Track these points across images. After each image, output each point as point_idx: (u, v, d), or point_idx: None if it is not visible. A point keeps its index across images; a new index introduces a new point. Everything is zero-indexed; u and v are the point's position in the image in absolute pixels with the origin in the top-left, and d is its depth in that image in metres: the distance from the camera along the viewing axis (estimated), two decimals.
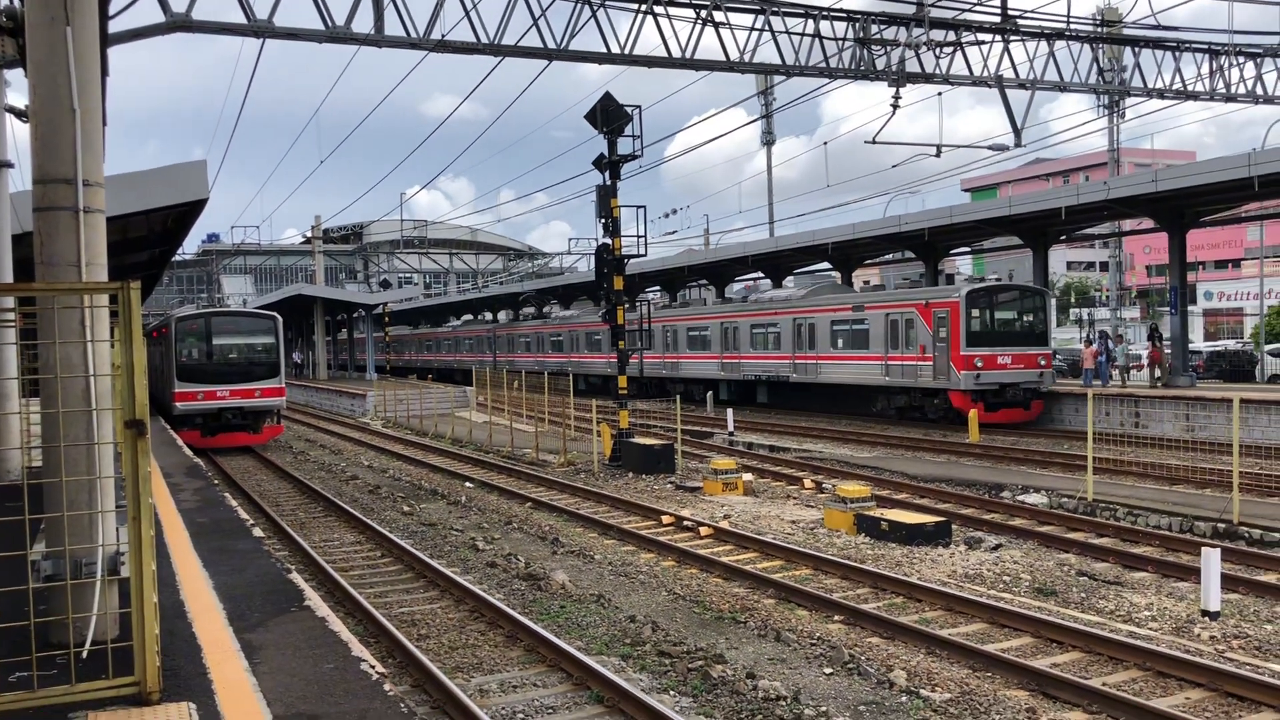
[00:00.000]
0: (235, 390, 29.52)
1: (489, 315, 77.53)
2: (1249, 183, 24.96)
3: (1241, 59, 23.54)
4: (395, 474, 25.30)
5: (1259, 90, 23.86)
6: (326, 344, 65.24)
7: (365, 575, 14.13)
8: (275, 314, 31.49)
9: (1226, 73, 23.50)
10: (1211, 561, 11.23)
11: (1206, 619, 11.09)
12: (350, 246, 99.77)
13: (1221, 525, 15.35)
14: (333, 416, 45.17)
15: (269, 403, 30.20)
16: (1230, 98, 23.72)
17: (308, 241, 76.94)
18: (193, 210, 19.91)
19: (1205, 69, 23.44)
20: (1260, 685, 8.79)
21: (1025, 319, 30.46)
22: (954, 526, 15.99)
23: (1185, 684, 9.16)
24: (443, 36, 18.09)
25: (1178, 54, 23.20)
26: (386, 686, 6.56)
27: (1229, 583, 12.20)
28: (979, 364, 28.71)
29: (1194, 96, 23.58)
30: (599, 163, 24.13)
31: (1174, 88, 23.34)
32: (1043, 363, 30.04)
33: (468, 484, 23.07)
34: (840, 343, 33.95)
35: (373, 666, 6.97)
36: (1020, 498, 18.77)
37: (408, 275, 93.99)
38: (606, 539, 16.48)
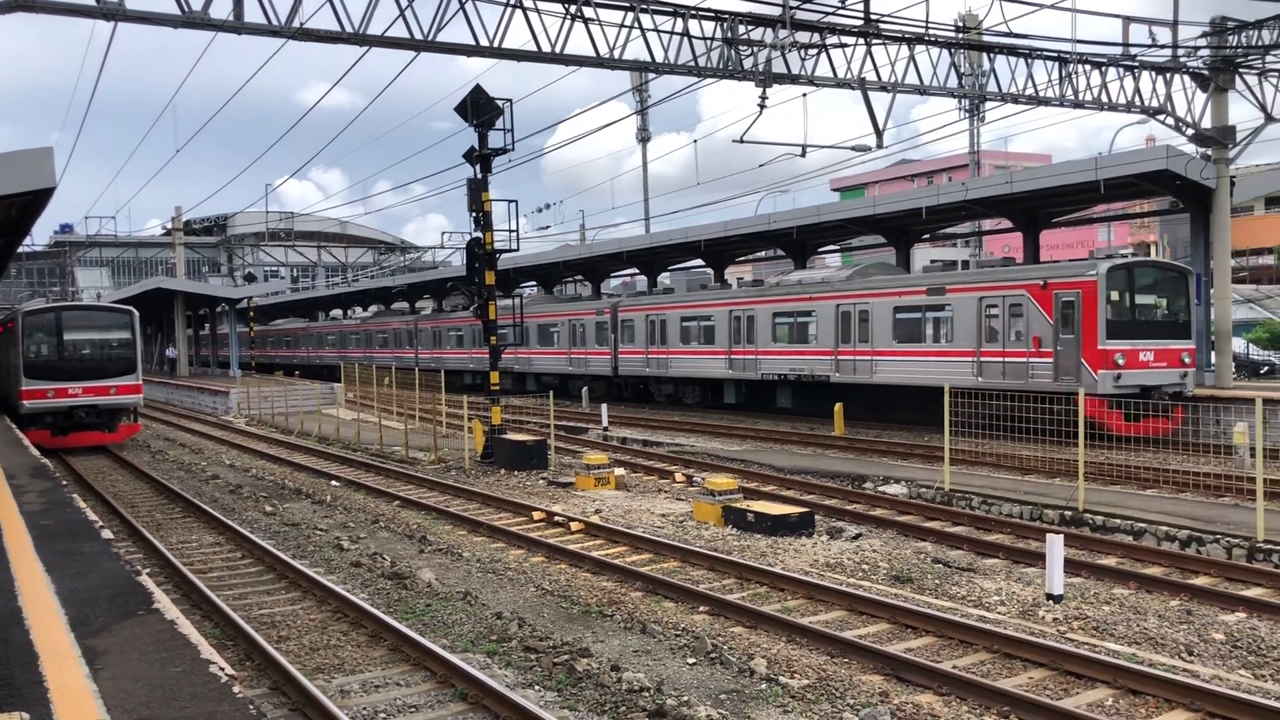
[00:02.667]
0: (88, 388, 28.31)
1: (358, 310, 75.99)
2: (1096, 185, 26.19)
3: (1088, 67, 24.65)
4: (258, 473, 24.62)
5: (1104, 97, 25.01)
6: (188, 340, 63.04)
7: (224, 577, 13.73)
8: (131, 308, 30.29)
9: (1074, 80, 24.58)
10: (1055, 548, 11.76)
11: (1051, 602, 11.61)
12: (214, 239, 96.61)
13: (1068, 513, 16.08)
14: (194, 414, 43.68)
15: (124, 400, 29.05)
16: (1078, 104, 24.81)
17: (169, 233, 74.28)
18: (38, 200, 18.98)
19: (1055, 75, 24.47)
20: (1096, 663, 9.25)
21: (1167, 304, 24.64)
22: (817, 517, 16.38)
23: (1029, 664, 9.57)
24: (301, 25, 17.65)
25: (1030, 61, 24.17)
26: (236, 689, 6.39)
27: (1072, 567, 12.81)
28: (1120, 361, 23.00)
29: (1045, 102, 24.58)
30: (470, 156, 23.90)
31: (1027, 93, 24.29)
32: (1186, 360, 24.17)
33: (334, 483, 22.61)
34: (907, 335, 27.50)
35: (223, 669, 6.79)
36: (881, 488, 19.32)
37: (274, 269, 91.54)
38: (476, 536, 16.36)
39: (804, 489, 19.88)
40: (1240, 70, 25.69)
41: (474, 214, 24.05)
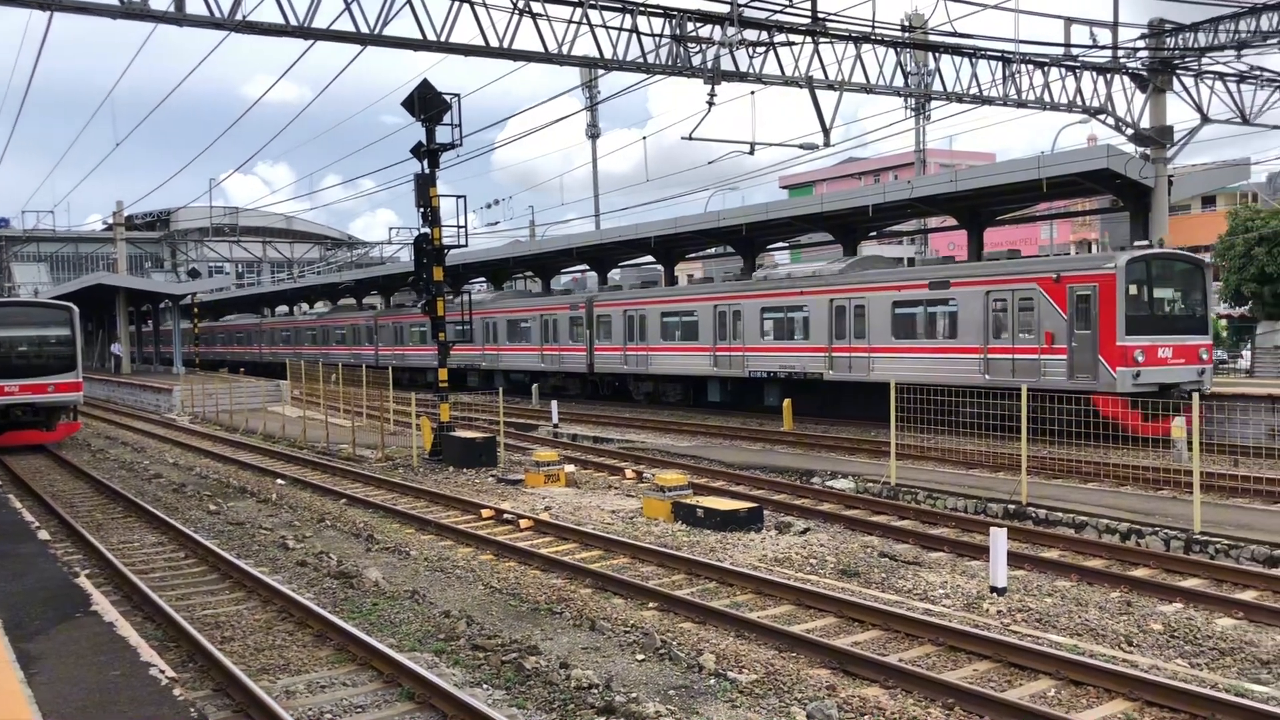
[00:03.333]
0: (25, 385, 27.70)
1: (307, 305, 75.05)
2: (1038, 184, 26.59)
3: (1030, 67, 24.99)
4: (202, 472, 24.25)
5: (1046, 97, 25.37)
6: (131, 336, 61.90)
7: (167, 578, 13.50)
8: (71, 305, 29.67)
9: (1018, 79, 24.91)
10: (998, 541, 11.92)
11: (994, 595, 11.77)
12: (157, 234, 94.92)
13: (1012, 506, 16.32)
14: (136, 412, 42.92)
15: (63, 398, 28.46)
16: (1021, 103, 25.14)
17: (110, 228, 72.84)
18: None
19: (999, 75, 24.77)
20: (1039, 655, 9.40)
21: (1184, 298, 23.80)
22: (766, 512, 16.46)
23: (974, 657, 9.69)
24: (244, 17, 17.38)
25: (974, 60, 24.44)
26: (177, 692, 6.29)
27: (1015, 560, 12.99)
28: (1139, 358, 21.99)
29: (989, 101, 24.88)
30: (417, 151, 23.72)
31: (971, 92, 24.57)
32: (1204, 356, 23.34)
33: (279, 481, 22.33)
34: (907, 330, 26.44)
35: (163, 671, 6.68)
36: (829, 483, 19.46)
37: (218, 265, 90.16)
38: (424, 534, 16.25)
39: (753, 484, 19.97)
40: (1177, 72, 26.19)
41: (422, 209, 23.88)
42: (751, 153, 24.39)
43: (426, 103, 23.27)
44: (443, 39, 19.15)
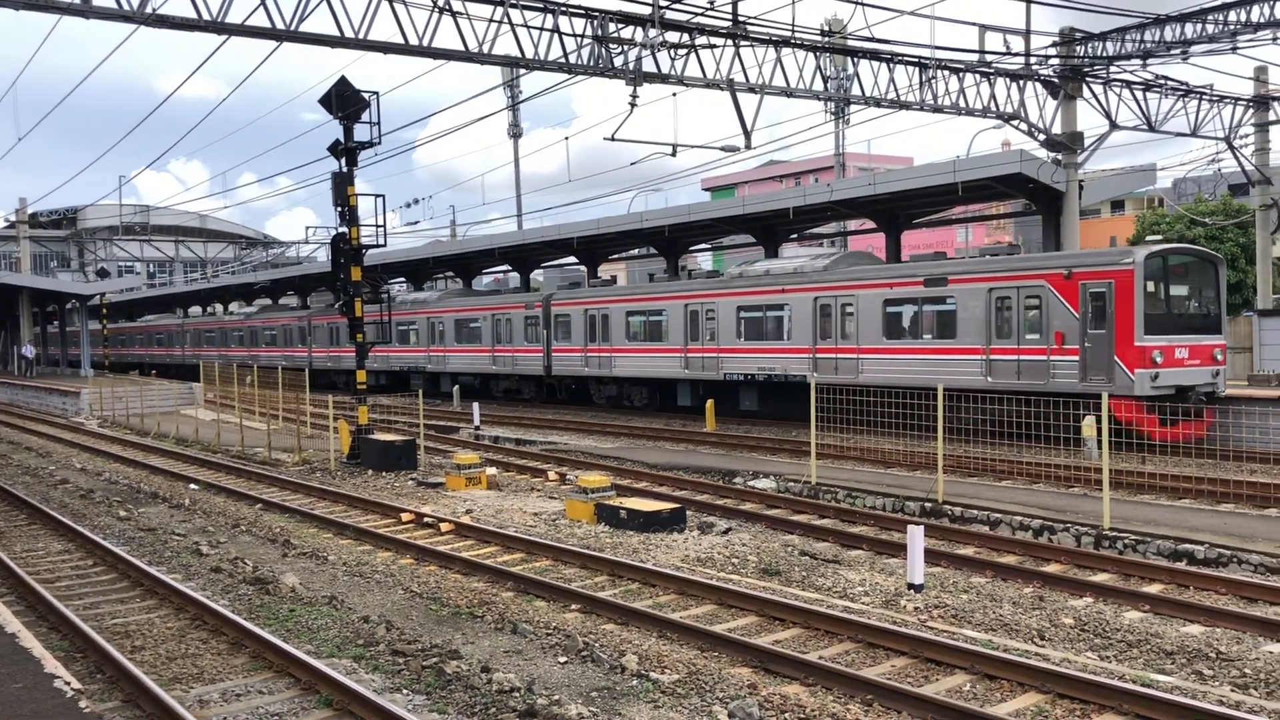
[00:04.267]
0: None
1: (238, 305, 73.35)
2: (954, 188, 27.12)
3: (946, 73, 25.46)
4: (111, 477, 23.57)
5: (961, 102, 25.88)
6: (36, 338, 59.95)
7: (73, 586, 13.09)
8: None
9: (934, 85, 25.36)
10: (916, 538, 12.12)
11: (912, 591, 11.96)
12: (63, 232, 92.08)
13: (929, 504, 16.60)
14: (41, 416, 41.59)
15: None
16: (937, 108, 25.60)
17: (12, 226, 70.45)
18: None
19: (916, 80, 25.20)
20: (955, 650, 9.56)
21: (1199, 295, 22.72)
22: (689, 512, 16.53)
23: (892, 653, 9.83)
24: (154, 11, 16.94)
25: (892, 66, 24.82)
26: (84, 704, 6.09)
27: (932, 557, 13.21)
28: (1158, 359, 20.87)
29: (906, 106, 25.29)
30: (335, 149, 23.37)
31: (889, 97, 24.95)
32: (1219, 357, 22.26)
33: (192, 486, 21.81)
34: (900, 330, 25.27)
35: (69, 683, 6.46)
36: (751, 483, 19.61)
37: (128, 264, 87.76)
38: (342, 539, 15.99)
39: (676, 485, 20.04)
40: (1087, 79, 26.90)
41: (339, 208, 23.53)
42: (674, 154, 24.49)
43: (344, 100, 22.93)
44: (361, 36, 18.88)
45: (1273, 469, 17.84)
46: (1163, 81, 27.57)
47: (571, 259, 48.66)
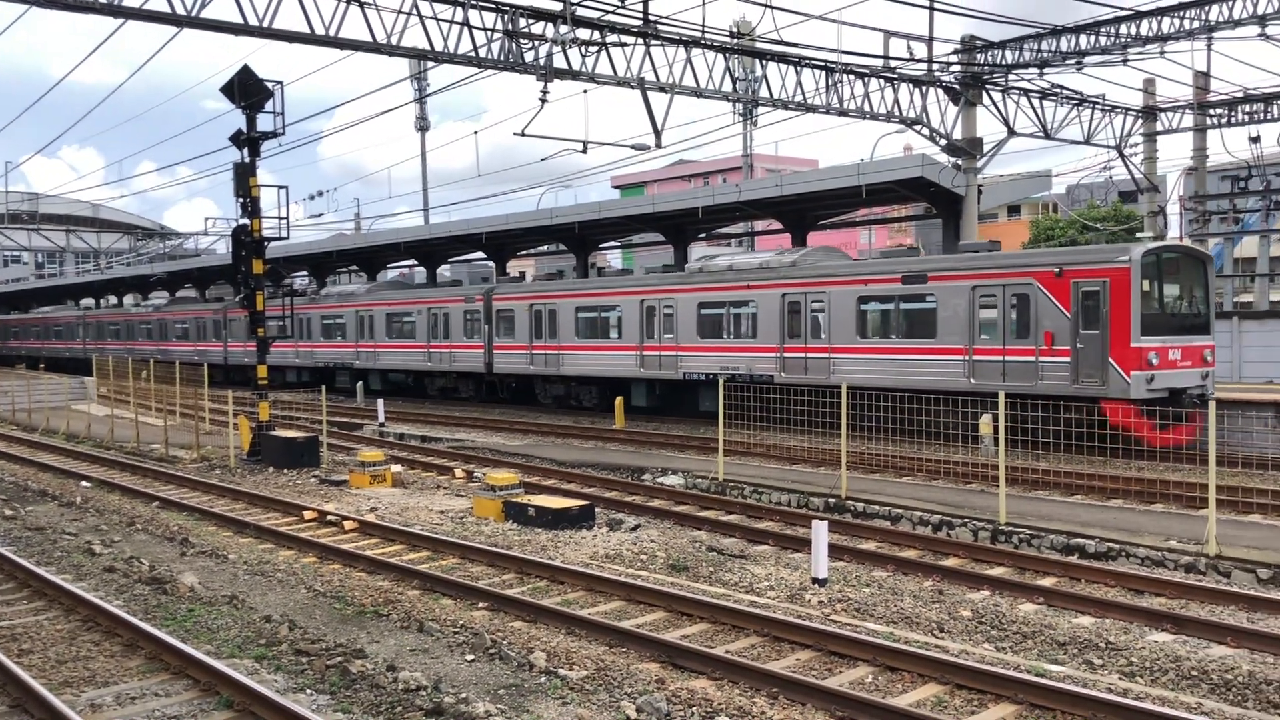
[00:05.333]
0: None
1: (113, 298, 71.12)
2: (859, 190, 27.61)
3: (852, 77, 25.90)
4: None
5: (866, 107, 26.33)
6: None
7: None
8: None
9: (840, 89, 25.77)
10: (820, 533, 12.32)
11: (816, 586, 12.16)
12: None
13: (832, 500, 16.89)
14: None
15: None
16: (843, 112, 26.00)
17: None
18: None
19: (823, 84, 25.58)
20: (858, 643, 9.76)
21: (1190, 295, 22.01)
22: (598, 509, 16.54)
23: (797, 646, 9.98)
24: None
25: (799, 69, 25.14)
26: None
27: (836, 552, 13.45)
28: (1154, 360, 20.10)
29: (813, 109, 25.64)
30: (237, 139, 22.83)
31: (796, 99, 25.27)
32: (1209, 358, 21.59)
33: (84, 483, 21.11)
34: (875, 329, 24.32)
35: None
36: (660, 480, 19.73)
37: (15, 254, 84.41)
38: (243, 537, 15.65)
39: (585, 482, 20.05)
40: (987, 87, 27.62)
41: (241, 200, 23.00)
42: (584, 151, 24.48)
43: (247, 89, 22.42)
44: (265, 24, 18.45)
45: (1159, 465, 18.53)
46: (1058, 90, 28.43)
47: (479, 255, 48.29)
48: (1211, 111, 31.64)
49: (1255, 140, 30.83)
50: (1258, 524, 14.59)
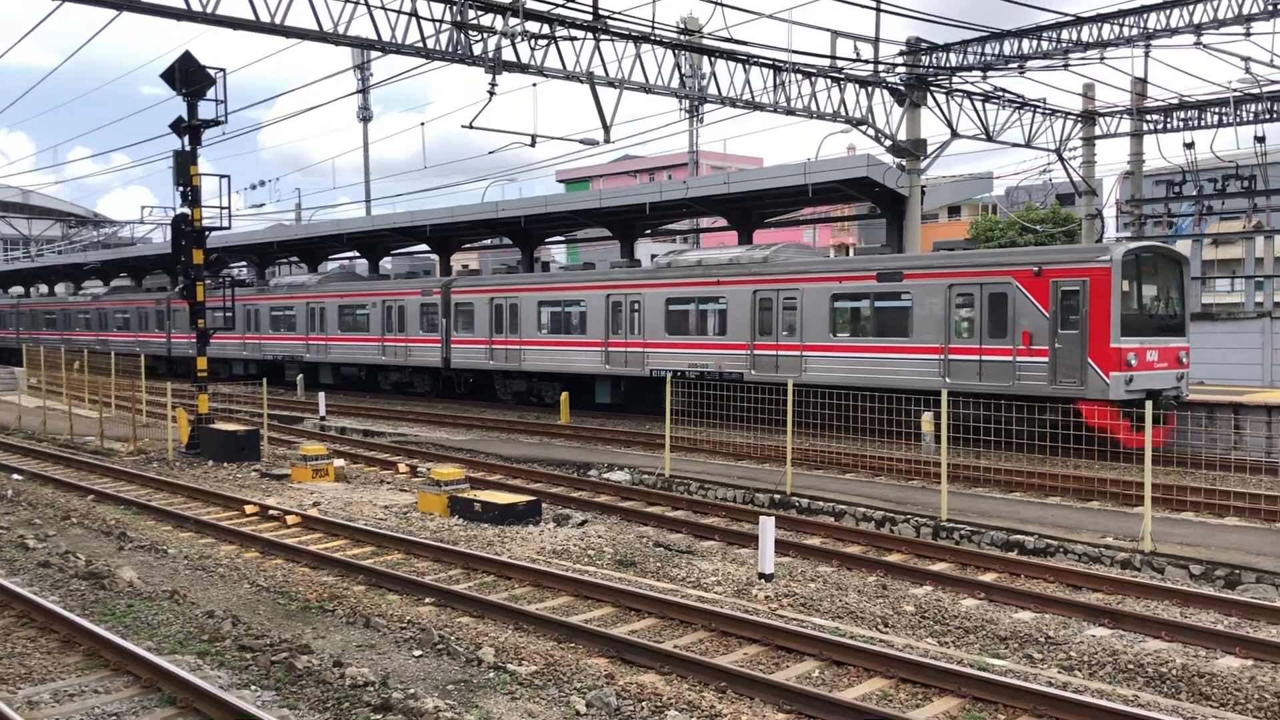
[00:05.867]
0: None
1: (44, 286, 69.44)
2: (805, 189, 27.82)
3: (799, 76, 26.09)
4: None
5: (813, 106, 26.55)
6: None
7: None
8: None
9: (787, 88, 25.95)
10: (767, 529, 12.42)
11: (763, 581, 12.25)
12: None
13: (777, 496, 17.03)
14: None
15: None
16: (790, 110, 26.19)
17: None
18: None
19: (771, 82, 25.74)
20: (804, 637, 9.85)
21: (1167, 296, 21.91)
22: (544, 505, 16.51)
23: (744, 641, 10.06)
24: None
25: (748, 67, 25.28)
26: None
27: (781, 547, 13.54)
28: (1132, 361, 20.05)
29: (760, 107, 25.79)
30: (177, 127, 22.42)
31: (744, 98, 25.41)
32: (1183, 359, 21.57)
33: (15, 476, 20.61)
34: (849, 327, 24.20)
35: None
36: (606, 475, 19.74)
37: None
38: (182, 531, 15.39)
39: (530, 477, 20.00)
40: (931, 89, 27.99)
41: (181, 188, 22.59)
42: (533, 144, 24.38)
43: (189, 76, 22.04)
44: (208, 9, 18.14)
45: (1094, 464, 18.91)
46: (1001, 93, 28.90)
47: (423, 247, 47.92)
48: (1148, 117, 32.32)
49: (1190, 146, 31.53)
50: (1190, 521, 14.98)
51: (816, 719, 8.10)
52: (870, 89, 27.47)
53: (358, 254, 50.46)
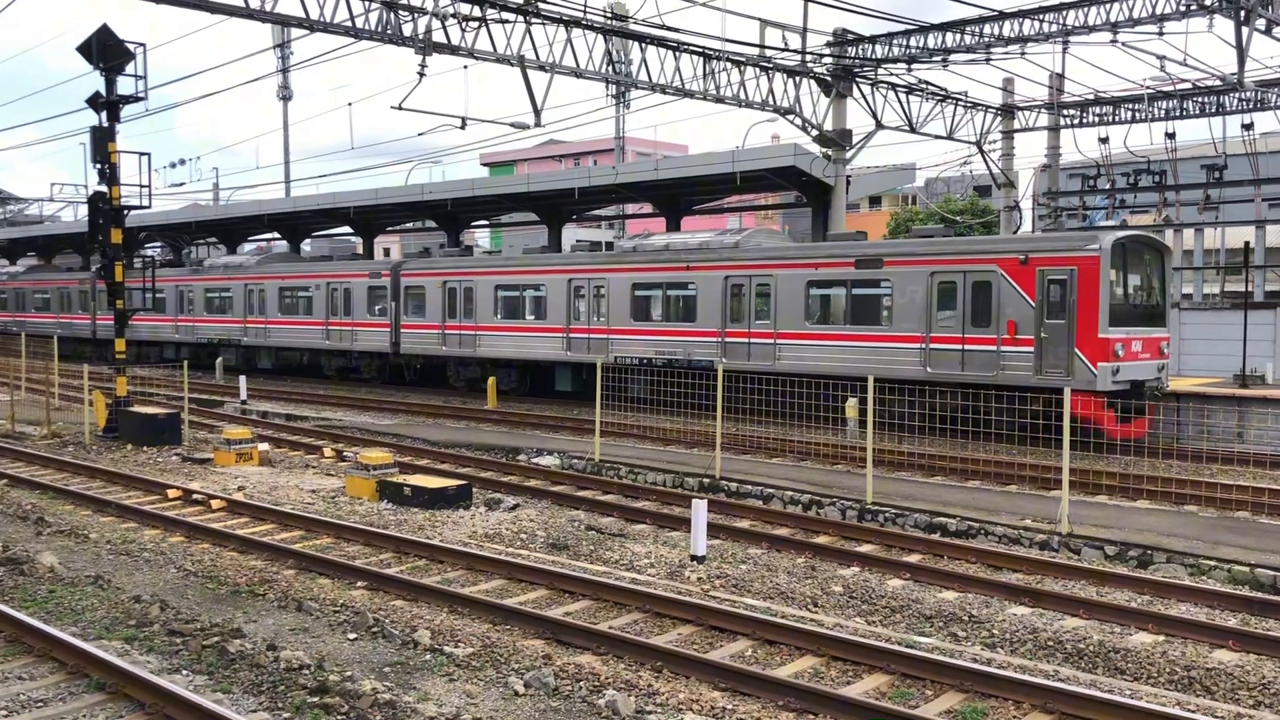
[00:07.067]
0: None
1: None
2: (733, 177, 28.06)
3: (729, 65, 26.25)
4: None
5: (742, 94, 26.75)
6: None
7: None
8: None
9: (717, 76, 26.11)
10: (699, 512, 12.58)
11: (695, 563, 12.41)
12: None
13: (707, 480, 17.22)
14: None
15: None
16: (719, 98, 26.36)
17: None
18: None
19: (700, 70, 25.86)
20: (737, 617, 10.03)
21: (1150, 286, 21.61)
22: (475, 489, 16.48)
23: (678, 621, 10.19)
24: None
25: (678, 54, 25.37)
26: None
27: (712, 530, 13.69)
28: (1120, 352, 19.72)
29: (690, 94, 25.91)
30: (95, 102, 21.80)
31: (674, 85, 25.50)
32: (1165, 350, 21.35)
33: None
34: (825, 314, 23.60)
35: None
36: (536, 460, 19.75)
37: None
38: (104, 516, 15.05)
39: (460, 462, 19.93)
40: (857, 79, 28.37)
41: (99, 166, 21.98)
42: (463, 127, 24.21)
43: (107, 51, 21.44)
44: None
45: (1011, 448, 19.42)
46: (924, 86, 29.41)
47: (346, 229, 47.28)
48: (1065, 112, 33.18)
49: (1104, 141, 32.44)
50: (1104, 504, 15.50)
51: (751, 696, 8.27)
52: (798, 79, 27.76)
53: (278, 235, 49.59)
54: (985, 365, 20.69)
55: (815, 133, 28.31)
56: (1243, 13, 20.53)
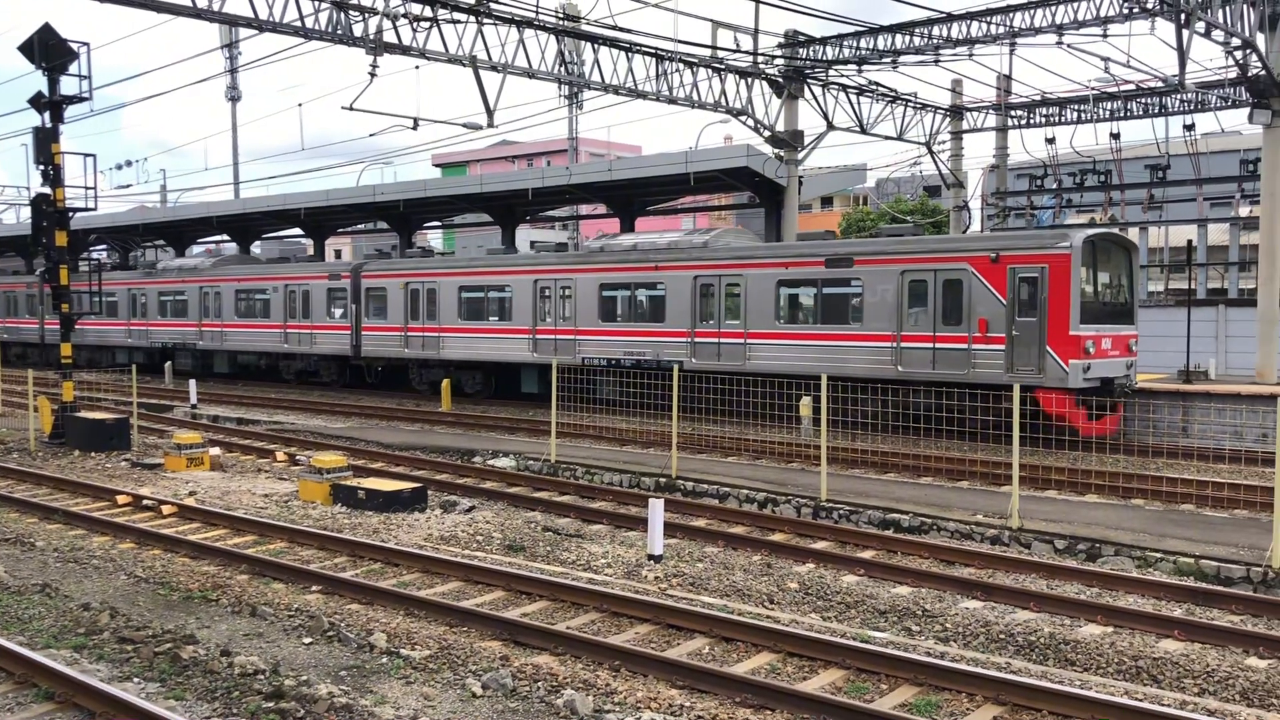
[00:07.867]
0: None
1: None
2: (687, 177, 28.17)
3: (682, 66, 26.34)
4: None
5: (695, 96, 26.84)
6: None
7: None
8: None
9: (669, 77, 26.18)
10: (656, 511, 12.62)
11: (652, 562, 12.45)
12: None
13: (663, 479, 17.27)
14: None
15: None
16: (672, 100, 26.44)
17: None
18: None
19: (653, 71, 25.91)
20: (694, 615, 10.06)
21: (1118, 284, 21.74)
22: (430, 492, 16.40)
23: (636, 620, 10.22)
24: None
25: (630, 55, 25.42)
26: None
27: (669, 529, 13.77)
28: (1090, 350, 19.84)
29: (643, 95, 25.97)
30: (38, 102, 21.43)
31: (627, 86, 25.54)
32: (1133, 347, 21.45)
33: None
34: (796, 314, 23.63)
35: None
36: (491, 462, 19.70)
37: None
38: (50, 523, 14.80)
39: (414, 465, 19.82)
40: (809, 81, 28.58)
41: (43, 167, 21.61)
42: (415, 127, 24.04)
43: (49, 50, 21.07)
44: None
45: (963, 445, 19.68)
46: (875, 87, 29.68)
47: (297, 231, 46.81)
48: (1013, 113, 33.65)
49: (1051, 141, 32.91)
50: (1054, 499, 15.75)
51: (709, 693, 8.31)
52: (750, 80, 27.91)
53: (227, 238, 48.99)
54: (956, 363, 20.78)
55: (768, 134, 28.48)
56: (1183, 16, 20.94)
